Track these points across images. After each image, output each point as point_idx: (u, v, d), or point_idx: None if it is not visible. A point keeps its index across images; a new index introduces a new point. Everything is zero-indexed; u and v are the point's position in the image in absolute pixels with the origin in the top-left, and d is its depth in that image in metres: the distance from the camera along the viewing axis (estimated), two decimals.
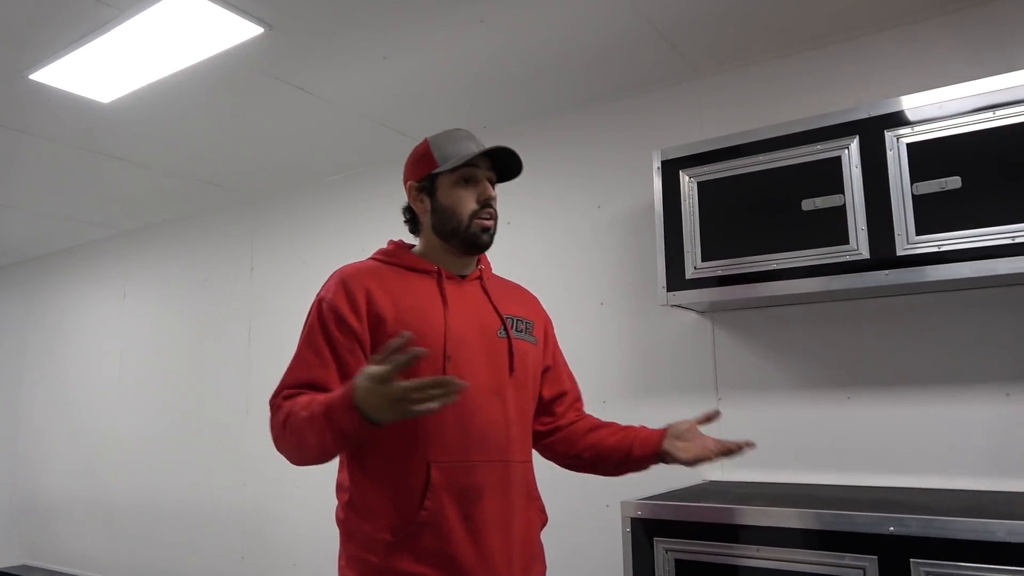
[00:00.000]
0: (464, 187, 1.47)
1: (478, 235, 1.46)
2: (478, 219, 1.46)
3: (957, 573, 1.55)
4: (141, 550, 4.24)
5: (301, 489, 3.53)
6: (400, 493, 1.34)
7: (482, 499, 1.36)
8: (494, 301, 1.50)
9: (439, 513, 1.32)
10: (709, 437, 1.50)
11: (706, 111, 2.69)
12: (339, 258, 4.16)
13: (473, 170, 1.47)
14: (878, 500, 1.92)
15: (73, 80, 2.67)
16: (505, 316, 1.49)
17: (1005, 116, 1.87)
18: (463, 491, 1.35)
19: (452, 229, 1.47)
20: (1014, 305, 2.09)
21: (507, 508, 1.39)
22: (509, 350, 1.45)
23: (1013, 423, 2.06)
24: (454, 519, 1.33)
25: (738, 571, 1.80)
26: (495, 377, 1.42)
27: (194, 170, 3.71)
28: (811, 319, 2.38)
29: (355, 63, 2.64)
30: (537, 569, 1.48)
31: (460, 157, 1.44)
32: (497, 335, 1.46)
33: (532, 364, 1.52)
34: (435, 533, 1.32)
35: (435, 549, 1.32)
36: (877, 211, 2.01)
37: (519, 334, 1.50)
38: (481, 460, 1.37)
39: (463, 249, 1.48)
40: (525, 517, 1.44)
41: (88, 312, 4.89)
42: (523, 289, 1.67)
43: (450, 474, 1.34)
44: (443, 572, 1.32)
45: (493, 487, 1.38)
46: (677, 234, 2.33)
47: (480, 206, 1.46)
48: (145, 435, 4.34)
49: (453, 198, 1.46)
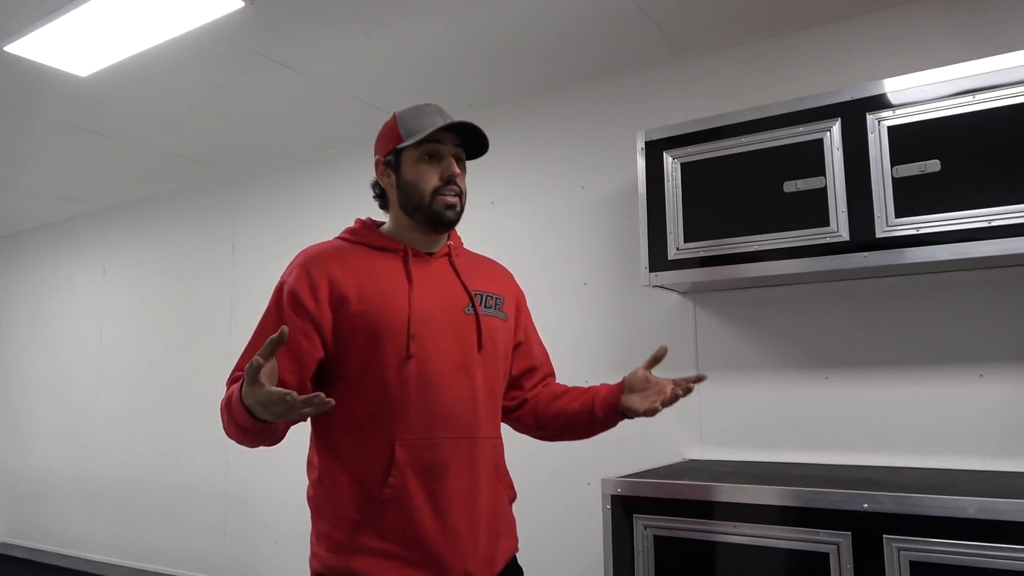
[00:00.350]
0: (428, 163, 1.45)
1: (441, 212, 1.45)
2: (440, 195, 1.44)
3: (928, 548, 1.59)
4: (123, 528, 4.23)
5: (283, 467, 3.54)
6: (365, 471, 1.35)
7: (447, 476, 1.36)
8: (463, 277, 1.49)
9: (403, 490, 1.33)
10: (665, 380, 1.46)
11: (690, 92, 2.69)
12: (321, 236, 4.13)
13: (437, 146, 1.45)
14: (853, 478, 1.95)
15: (50, 53, 2.62)
16: (473, 292, 1.48)
17: (984, 100, 1.89)
18: (427, 468, 1.35)
19: (416, 205, 1.45)
20: (989, 288, 2.12)
21: (473, 484, 1.39)
22: (477, 327, 1.45)
23: (986, 403, 2.10)
24: (418, 496, 1.34)
25: (715, 547, 1.83)
26: (462, 354, 1.42)
27: (174, 146, 3.66)
28: (791, 300, 2.41)
29: (338, 40, 2.62)
30: (505, 543, 1.47)
31: (422, 132, 1.43)
32: (465, 312, 1.45)
33: (502, 340, 1.50)
34: (399, 510, 1.33)
35: (400, 526, 1.33)
36: (857, 194, 2.02)
37: (488, 310, 1.49)
38: (446, 437, 1.37)
39: (428, 226, 1.47)
40: (492, 492, 1.43)
41: (68, 289, 4.84)
42: (495, 264, 1.65)
43: (414, 451, 1.35)
44: (408, 549, 1.33)
45: (458, 464, 1.38)
46: (660, 215, 2.34)
47: (443, 183, 1.44)
48: (126, 413, 4.33)
49: (416, 173, 1.45)
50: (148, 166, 3.93)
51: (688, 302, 2.60)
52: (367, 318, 1.37)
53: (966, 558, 1.55)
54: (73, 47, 2.58)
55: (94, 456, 4.46)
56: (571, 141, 2.94)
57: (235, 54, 2.69)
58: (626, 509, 1.96)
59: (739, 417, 2.47)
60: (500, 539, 1.45)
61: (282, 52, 2.70)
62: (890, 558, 1.62)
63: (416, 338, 1.37)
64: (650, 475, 2.10)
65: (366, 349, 1.37)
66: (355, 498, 1.35)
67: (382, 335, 1.36)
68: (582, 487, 2.67)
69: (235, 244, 3.99)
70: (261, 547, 3.63)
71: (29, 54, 2.62)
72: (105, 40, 2.54)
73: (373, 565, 1.32)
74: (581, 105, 2.94)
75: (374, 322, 1.37)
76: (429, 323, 1.40)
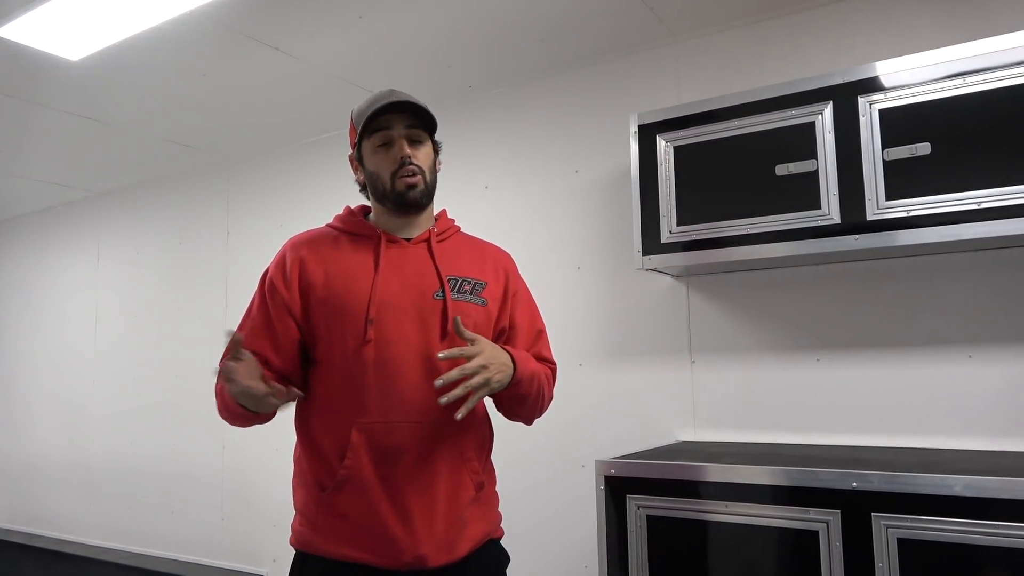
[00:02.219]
0: (382, 150, 1.48)
1: (404, 194, 1.47)
2: (400, 178, 1.47)
3: (916, 526, 1.62)
4: (120, 513, 4.26)
5: (280, 451, 3.55)
6: (326, 452, 1.42)
7: (400, 460, 1.39)
8: (438, 263, 1.50)
9: (358, 472, 1.38)
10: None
11: (683, 75, 2.69)
12: (316, 221, 4.12)
13: (387, 133, 1.47)
14: (843, 458, 1.98)
15: (41, 37, 2.60)
16: (447, 277, 1.48)
17: (974, 83, 1.90)
18: (382, 451, 1.39)
19: (382, 192, 1.50)
20: (978, 270, 2.14)
21: (429, 469, 1.40)
22: (444, 312, 1.45)
23: (974, 384, 2.12)
24: (371, 478, 1.38)
25: (707, 526, 1.86)
26: (426, 341, 1.42)
27: (168, 131, 3.65)
28: (783, 283, 2.42)
29: (331, 23, 2.60)
30: (474, 529, 1.47)
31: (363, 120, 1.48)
32: (434, 297, 1.46)
33: (474, 326, 1.47)
34: (354, 491, 1.39)
35: (354, 506, 1.39)
36: (849, 177, 2.04)
37: (461, 295, 1.49)
38: (401, 421, 1.39)
39: (397, 210, 1.50)
40: (453, 478, 1.43)
41: (62, 276, 4.83)
42: (489, 249, 1.64)
43: (370, 435, 1.39)
44: (359, 527, 1.38)
45: (414, 448, 1.40)
46: (653, 198, 2.35)
47: (398, 165, 1.47)
48: (122, 398, 4.34)
49: (375, 163, 1.50)
50: (141, 151, 3.92)
51: (681, 285, 2.61)
52: (329, 303, 1.44)
53: (953, 535, 1.58)
54: (64, 31, 2.57)
55: (91, 441, 4.47)
56: (565, 125, 2.94)
57: (227, 38, 2.68)
58: (620, 490, 1.99)
59: (732, 399, 2.49)
60: (466, 525, 1.45)
61: (275, 35, 2.69)
62: (878, 535, 1.65)
63: (375, 323, 1.41)
64: (643, 456, 2.12)
65: (328, 333, 1.44)
66: (319, 477, 1.43)
67: (342, 319, 1.42)
68: (577, 469, 2.70)
69: (230, 229, 3.98)
70: (259, 531, 3.66)
71: (20, 38, 2.61)
72: (96, 24, 2.53)
73: (329, 540, 1.40)
74: (574, 89, 2.94)
75: (335, 307, 1.43)
76: (391, 308, 1.43)
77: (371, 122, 1.46)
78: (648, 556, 1.92)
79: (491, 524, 1.54)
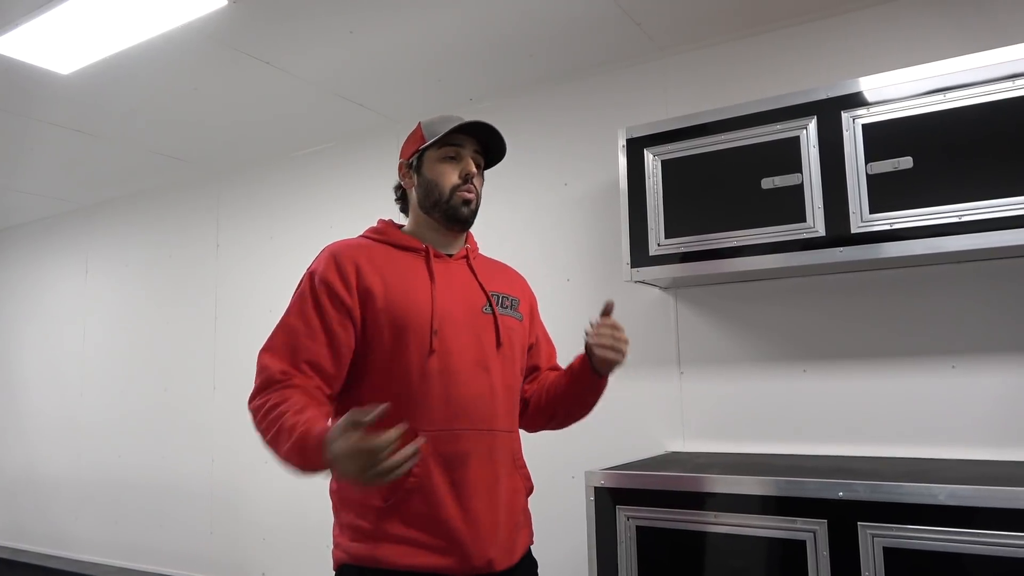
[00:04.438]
0: (448, 163, 1.53)
1: (458, 207, 1.52)
2: (459, 192, 1.52)
3: (901, 535, 1.64)
4: (107, 527, 4.22)
5: (269, 464, 3.54)
6: None
7: (467, 465, 1.42)
8: (480, 279, 1.56)
9: (426, 479, 1.38)
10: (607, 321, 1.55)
11: (671, 90, 2.73)
12: (306, 234, 4.15)
13: (457, 149, 1.54)
14: (829, 467, 2.00)
15: (32, 50, 2.62)
16: (491, 293, 1.55)
17: (954, 99, 1.94)
18: (449, 458, 1.40)
19: (435, 201, 1.53)
20: (960, 282, 2.17)
21: (492, 474, 1.45)
22: (495, 325, 1.52)
23: (958, 394, 2.15)
24: (441, 485, 1.39)
25: (696, 536, 1.87)
26: (481, 351, 1.48)
27: (158, 144, 3.66)
28: (770, 295, 2.45)
29: (321, 38, 2.63)
30: (523, 537, 1.53)
31: (441, 133, 1.51)
32: (483, 311, 1.52)
33: (518, 339, 1.58)
34: (423, 498, 1.38)
35: (424, 513, 1.38)
36: (833, 190, 2.07)
37: (504, 310, 1.56)
38: (465, 429, 1.43)
39: (445, 223, 1.54)
40: (510, 483, 1.49)
41: (50, 288, 4.81)
42: (510, 269, 1.73)
43: (436, 443, 1.40)
44: (432, 536, 1.38)
45: (478, 454, 1.43)
46: (641, 211, 2.38)
47: (462, 180, 1.53)
48: (110, 411, 4.31)
49: (436, 171, 1.53)
50: (131, 164, 3.92)
51: (669, 297, 2.64)
52: (392, 312, 1.43)
53: (937, 543, 1.60)
54: (55, 45, 2.58)
55: (78, 454, 4.44)
56: (554, 138, 2.97)
57: (218, 52, 2.70)
58: (609, 500, 2.00)
59: (720, 410, 2.51)
60: (519, 530, 1.51)
61: (265, 50, 2.71)
62: (864, 544, 1.67)
63: (439, 334, 1.43)
64: (633, 467, 2.13)
65: (391, 343, 1.42)
66: (381, 488, 1.36)
67: (406, 330, 1.42)
68: (567, 480, 2.71)
69: (219, 242, 3.98)
70: (248, 545, 3.64)
71: (10, 52, 2.62)
72: (88, 38, 2.54)
73: (399, 552, 1.37)
74: (563, 103, 2.97)
75: (399, 317, 1.42)
76: (450, 320, 1.46)
77: (448, 135, 1.51)
78: (638, 566, 1.93)
79: (532, 531, 1.59)
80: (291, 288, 1.49)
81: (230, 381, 3.80)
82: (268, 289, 3.67)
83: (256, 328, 3.72)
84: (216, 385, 3.84)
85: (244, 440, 3.69)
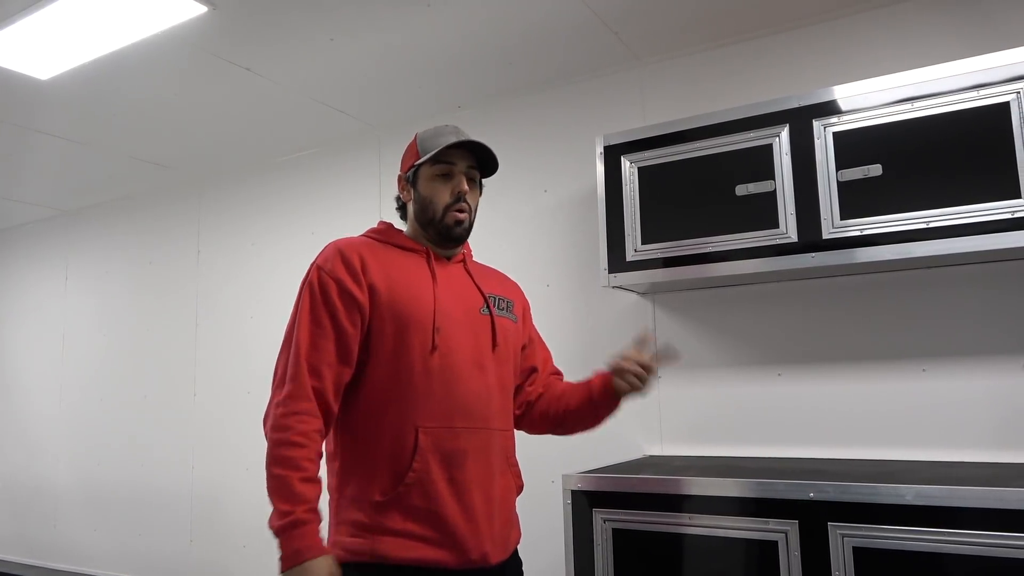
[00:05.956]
0: (441, 181, 1.56)
1: (451, 228, 1.56)
2: (452, 211, 1.56)
3: (870, 535, 1.67)
4: (86, 536, 4.19)
5: (250, 471, 3.54)
6: (390, 456, 1.42)
7: (465, 462, 1.45)
8: (477, 281, 1.61)
9: (426, 474, 1.41)
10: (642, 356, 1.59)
11: (648, 98, 2.76)
12: (287, 241, 4.13)
13: (450, 167, 1.56)
14: (801, 469, 2.03)
15: (10, 56, 2.61)
16: (488, 295, 1.60)
17: (922, 108, 1.99)
18: (448, 454, 1.44)
19: (429, 219, 1.57)
20: (929, 286, 2.22)
21: (487, 472, 1.49)
22: (492, 326, 1.56)
23: (928, 397, 2.19)
24: (440, 480, 1.42)
25: (670, 538, 1.89)
26: (478, 351, 1.52)
27: (137, 150, 3.65)
28: (745, 300, 2.49)
29: (302, 44, 2.64)
30: (514, 535, 1.58)
31: (434, 150, 1.54)
32: (480, 312, 1.57)
33: (512, 340, 1.63)
34: (422, 493, 1.41)
35: (423, 507, 1.41)
36: (805, 196, 2.11)
37: (500, 312, 1.61)
38: (463, 426, 1.46)
39: (438, 240, 1.58)
40: (504, 481, 1.53)
41: (28, 294, 4.77)
42: (503, 273, 1.79)
43: (435, 438, 1.43)
44: (431, 529, 1.41)
45: (475, 452, 1.47)
46: (619, 218, 2.41)
47: (453, 199, 1.56)
48: (89, 419, 4.28)
49: (430, 190, 1.57)
50: (111, 170, 3.91)
51: (647, 302, 2.67)
52: (396, 308, 1.46)
53: (905, 542, 1.63)
54: (34, 50, 2.57)
55: (56, 463, 4.40)
56: (533, 146, 3.00)
57: (198, 58, 2.70)
58: (586, 503, 2.02)
59: (697, 414, 2.54)
60: (512, 527, 1.57)
61: (246, 56, 2.72)
62: (835, 544, 1.70)
63: (440, 331, 1.47)
64: (609, 471, 2.15)
65: (393, 339, 1.45)
66: (379, 482, 1.42)
67: (409, 326, 1.45)
68: (546, 484, 2.72)
69: (200, 249, 3.97)
70: (228, 551, 3.62)
71: None
72: (67, 43, 2.54)
73: (398, 545, 1.39)
74: (542, 110, 3.00)
75: (403, 313, 1.46)
76: (451, 319, 1.50)
77: (440, 152, 1.53)
78: (614, 569, 1.95)
79: (520, 531, 1.63)
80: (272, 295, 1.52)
81: (210, 388, 3.78)
82: (249, 296, 3.66)
83: (237, 335, 3.72)
84: (196, 392, 3.82)
85: (225, 447, 3.67)
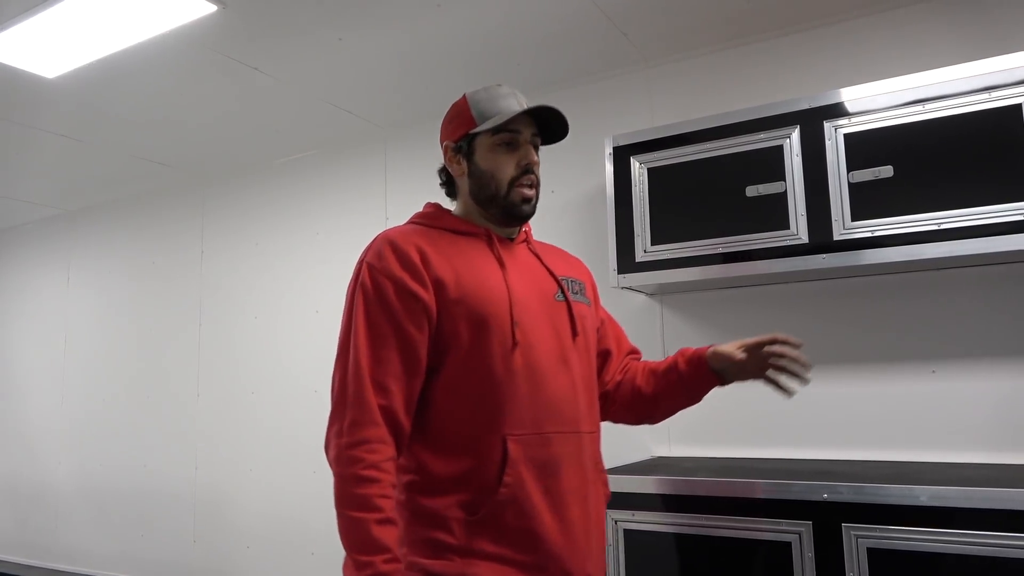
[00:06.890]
0: (504, 151, 1.35)
1: (517, 204, 1.35)
2: (518, 186, 1.35)
3: (884, 536, 1.67)
4: (89, 536, 4.17)
5: (254, 471, 3.53)
6: (476, 469, 1.24)
7: (560, 472, 1.27)
8: (546, 263, 1.40)
9: (520, 489, 1.23)
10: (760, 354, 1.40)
11: (657, 99, 2.76)
12: (292, 241, 4.12)
13: (514, 135, 1.35)
14: (814, 470, 2.03)
15: (17, 54, 2.60)
16: (560, 278, 1.39)
17: (933, 110, 1.99)
18: (541, 464, 1.25)
19: (490, 196, 1.35)
20: (940, 288, 2.22)
21: (583, 481, 1.31)
22: (570, 314, 1.36)
23: (938, 398, 2.19)
24: (536, 495, 1.23)
25: (683, 539, 1.89)
26: (560, 343, 1.32)
27: (143, 149, 3.64)
28: (755, 301, 2.49)
29: (310, 44, 2.64)
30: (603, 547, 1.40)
31: (499, 117, 1.32)
32: (555, 299, 1.36)
33: (590, 327, 1.43)
34: (517, 510, 1.22)
35: (518, 527, 1.22)
36: (816, 198, 2.11)
37: (575, 296, 1.40)
38: (554, 431, 1.28)
39: (501, 218, 1.37)
40: (596, 491, 1.36)
41: (31, 294, 4.76)
42: (565, 251, 1.57)
43: (527, 447, 1.24)
44: (528, 552, 1.23)
45: (569, 459, 1.29)
46: (628, 218, 2.41)
47: (521, 172, 1.35)
48: (91, 419, 4.27)
49: (491, 162, 1.35)
50: (115, 169, 3.90)
51: (655, 303, 2.66)
52: (468, 303, 1.26)
53: (919, 543, 1.63)
54: (41, 49, 2.57)
55: (58, 463, 4.39)
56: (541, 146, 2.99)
57: (207, 58, 2.70)
58: None
59: (705, 415, 2.51)
60: (603, 541, 1.39)
61: (254, 56, 2.71)
62: (849, 545, 1.70)
63: (519, 325, 1.27)
64: (620, 471, 2.15)
65: (470, 338, 1.26)
66: (463, 498, 1.23)
67: (487, 322, 1.26)
68: None
69: (204, 249, 3.97)
70: (231, 553, 3.61)
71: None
72: (74, 42, 2.53)
73: (492, 570, 1.21)
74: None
75: (477, 308, 1.26)
76: (528, 310, 1.30)
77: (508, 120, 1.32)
78: (625, 569, 1.95)
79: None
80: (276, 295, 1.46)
81: (214, 388, 3.77)
82: (253, 296, 3.65)
83: (241, 335, 3.71)
84: (200, 392, 3.81)
85: (229, 447, 3.67)
